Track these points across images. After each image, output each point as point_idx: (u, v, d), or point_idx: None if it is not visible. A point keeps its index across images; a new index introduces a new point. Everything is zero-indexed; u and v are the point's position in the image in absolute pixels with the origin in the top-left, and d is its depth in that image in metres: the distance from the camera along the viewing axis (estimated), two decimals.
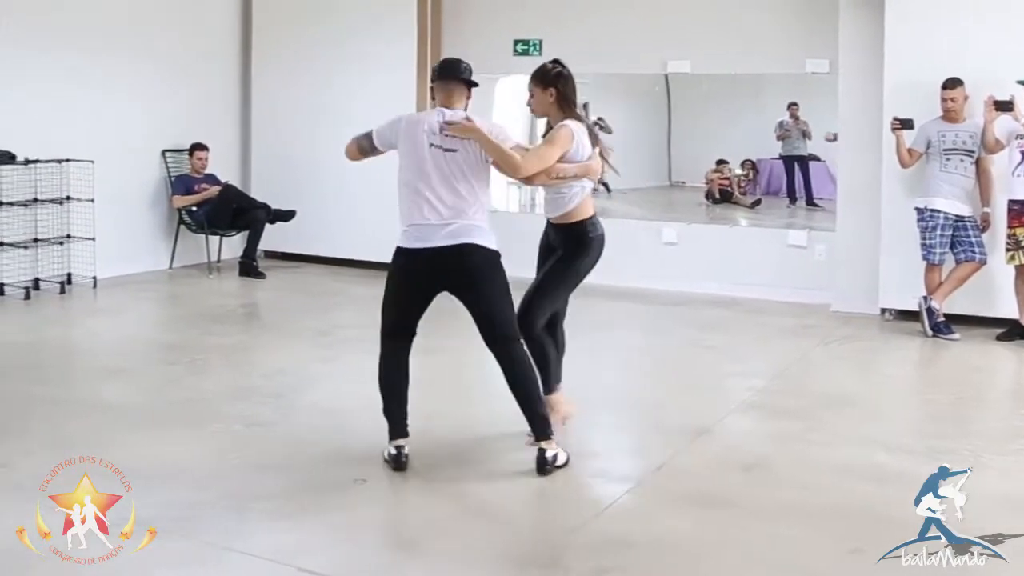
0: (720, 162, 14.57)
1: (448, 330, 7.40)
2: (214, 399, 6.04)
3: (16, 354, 7.41)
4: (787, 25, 9.35)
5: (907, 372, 7.49)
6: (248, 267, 10.23)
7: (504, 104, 13.10)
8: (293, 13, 11.02)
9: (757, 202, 14.08)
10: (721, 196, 14.46)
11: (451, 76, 5.04)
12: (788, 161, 14.17)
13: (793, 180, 14.49)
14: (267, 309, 9.36)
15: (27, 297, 8.96)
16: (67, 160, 9.43)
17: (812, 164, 14.33)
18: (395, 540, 4.21)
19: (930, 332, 7.82)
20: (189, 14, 10.78)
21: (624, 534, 4.22)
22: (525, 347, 5.05)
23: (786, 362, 7.22)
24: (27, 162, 9.11)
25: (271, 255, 11.05)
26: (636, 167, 15.56)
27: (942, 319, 7.84)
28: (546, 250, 5.56)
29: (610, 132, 14.58)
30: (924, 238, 7.91)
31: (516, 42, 10.56)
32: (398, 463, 4.88)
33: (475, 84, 5.14)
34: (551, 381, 5.36)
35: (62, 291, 9.29)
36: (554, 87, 5.30)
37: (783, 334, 8.05)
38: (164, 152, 10.55)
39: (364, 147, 5.08)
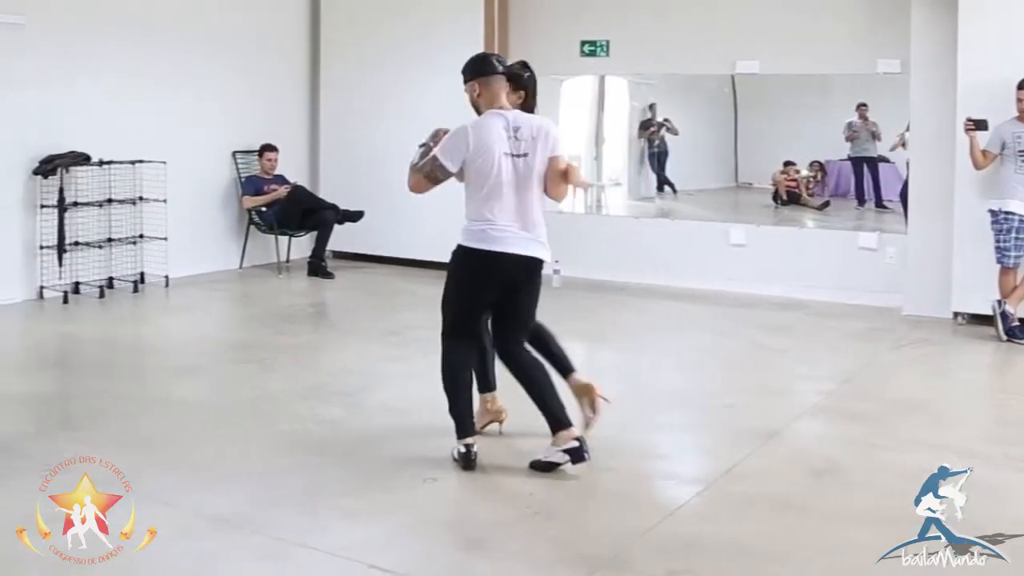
0: (787, 163, 14.40)
1: None
2: (284, 398, 6.11)
3: (91, 351, 7.57)
4: (858, 24, 9.25)
5: (980, 377, 7.36)
6: (317, 267, 10.32)
7: (571, 105, 13.11)
8: (361, 15, 11.10)
9: (825, 204, 13.90)
10: (789, 198, 14.30)
11: (494, 72, 4.98)
12: (857, 162, 13.98)
13: (862, 182, 14.28)
14: (336, 309, 9.44)
15: (101, 295, 9.12)
16: (140, 161, 9.59)
17: (881, 165, 14.14)
18: (464, 539, 4.22)
19: (1004, 336, 7.69)
20: (259, 17, 10.92)
21: (693, 536, 4.21)
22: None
23: (856, 366, 7.15)
24: (101, 163, 9.27)
25: (339, 255, 11.13)
26: (702, 168, 15.49)
27: (1016, 323, 7.71)
28: None
29: (676, 133, 14.55)
30: (998, 241, 7.79)
31: (583, 43, 10.56)
32: (467, 462, 4.90)
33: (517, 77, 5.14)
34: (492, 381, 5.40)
35: (135, 290, 9.45)
36: (525, 89, 5.21)
37: (853, 337, 7.96)
38: (234, 153, 10.69)
39: (435, 176, 4.93)
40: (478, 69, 5.00)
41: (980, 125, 7.82)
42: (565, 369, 5.32)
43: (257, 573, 3.90)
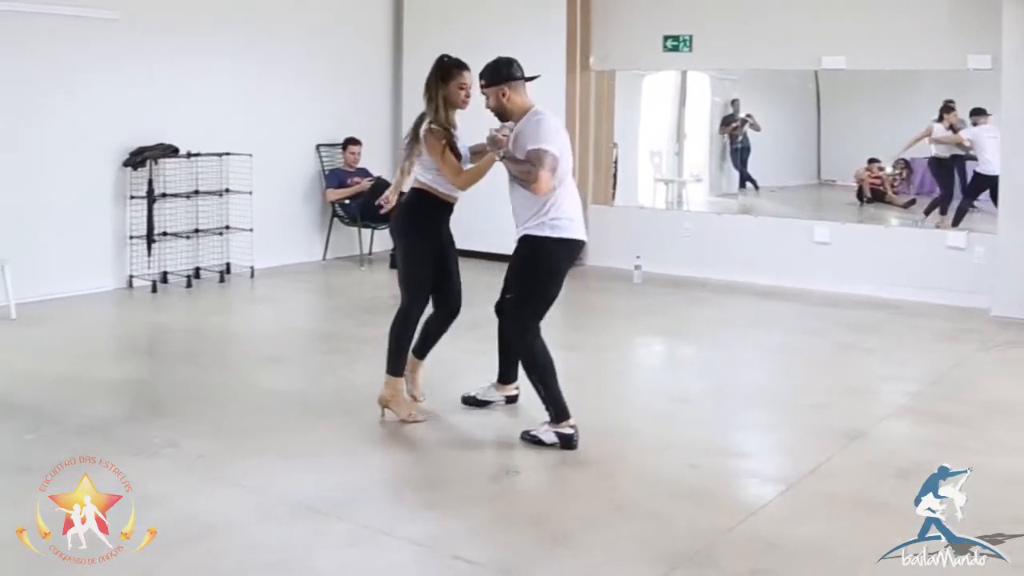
0: (871, 161, 14.23)
1: (587, 327, 7.45)
2: (368, 388, 6.13)
3: (179, 339, 7.72)
4: (947, 19, 9.07)
5: None
6: None
7: (652, 101, 13.07)
8: (443, 8, 11.16)
9: (911, 202, 13.70)
10: (873, 195, 14.14)
11: (522, 76, 5.30)
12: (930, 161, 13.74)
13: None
14: None
15: (189, 285, 9.30)
16: (227, 154, 9.75)
17: (968, 163, 13.89)
18: (547, 532, 4.22)
19: None
20: (344, 12, 11.04)
21: (776, 536, 4.18)
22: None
23: (943, 367, 7.03)
24: (189, 155, 9.44)
25: None
26: (784, 165, 15.37)
27: None
28: None
29: (759, 129, 14.44)
30: None
31: (666, 38, 10.48)
32: (572, 442, 5.09)
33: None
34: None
35: (221, 280, 9.62)
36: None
37: (940, 338, 7.83)
38: (318, 146, 10.81)
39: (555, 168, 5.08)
40: (507, 73, 5.26)
41: None
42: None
43: (344, 560, 3.96)
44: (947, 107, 12.26)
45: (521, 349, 5.27)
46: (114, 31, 8.87)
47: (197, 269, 9.62)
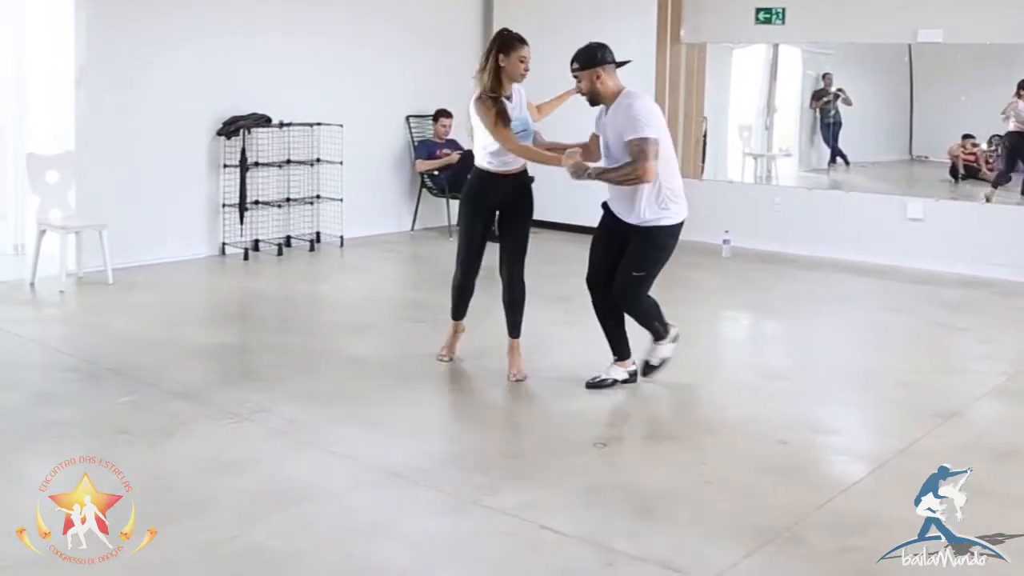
0: (966, 136, 13.88)
1: (676, 302, 7.40)
2: (457, 358, 6.20)
3: (270, 307, 7.84)
4: None
5: None
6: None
7: (742, 74, 12.91)
8: None
9: (1007, 179, 13.37)
10: (967, 172, 13.82)
11: (615, 60, 5.41)
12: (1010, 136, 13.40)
13: None
14: None
15: (279, 253, 9.42)
16: (318, 124, 9.84)
17: None
18: (635, 505, 4.22)
19: None
20: None
21: (867, 515, 4.14)
22: None
23: None
24: (281, 125, 9.55)
25: None
26: (876, 140, 15.08)
27: None
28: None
29: (850, 104, 14.18)
30: None
31: (759, 10, 10.34)
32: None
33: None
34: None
35: (311, 249, 9.73)
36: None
37: None
38: (408, 118, 10.86)
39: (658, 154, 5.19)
40: (601, 57, 5.33)
41: None
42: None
43: (433, 527, 4.00)
44: None
45: (636, 316, 5.54)
46: (210, 1, 8.98)
47: (288, 238, 9.74)
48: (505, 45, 5.60)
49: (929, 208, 9.61)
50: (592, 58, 5.32)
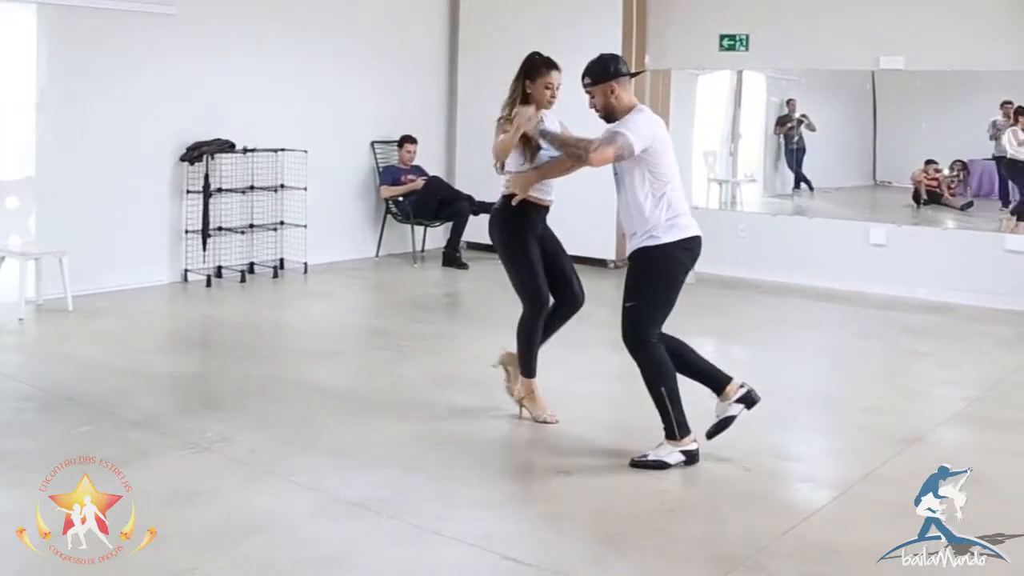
0: (928, 162, 14.00)
1: None
2: (420, 385, 6.18)
3: (233, 334, 7.78)
4: (1007, 19, 8.94)
5: None
6: (451, 257, 10.42)
7: (707, 100, 12.97)
8: (499, 7, 11.15)
9: (969, 204, 13.48)
10: (929, 197, 13.93)
11: (629, 72, 5.04)
12: (1001, 162, 13.54)
13: (1007, 183, 13.85)
14: (470, 299, 9.52)
15: (243, 280, 9.37)
16: (282, 150, 9.81)
17: None
18: (598, 534, 4.20)
19: None
20: (400, 10, 11.06)
21: (830, 542, 4.13)
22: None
23: (1002, 372, 6.93)
24: (245, 151, 9.51)
25: (474, 246, 11.19)
26: (840, 166, 15.17)
27: None
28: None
29: (814, 130, 14.28)
30: None
31: (722, 37, 10.43)
32: (696, 459, 4.91)
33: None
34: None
35: (275, 275, 9.68)
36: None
37: (999, 343, 7.72)
38: (373, 143, 10.85)
39: (616, 156, 4.82)
40: (615, 70, 4.96)
41: None
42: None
43: (395, 557, 3.95)
44: (1006, 107, 12.13)
45: (638, 360, 4.95)
46: (172, 25, 8.95)
47: (251, 264, 9.69)
48: (532, 70, 5.35)
49: (891, 234, 9.68)
50: (605, 71, 4.94)
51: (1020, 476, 4.95)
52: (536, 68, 5.37)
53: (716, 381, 5.08)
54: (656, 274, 4.91)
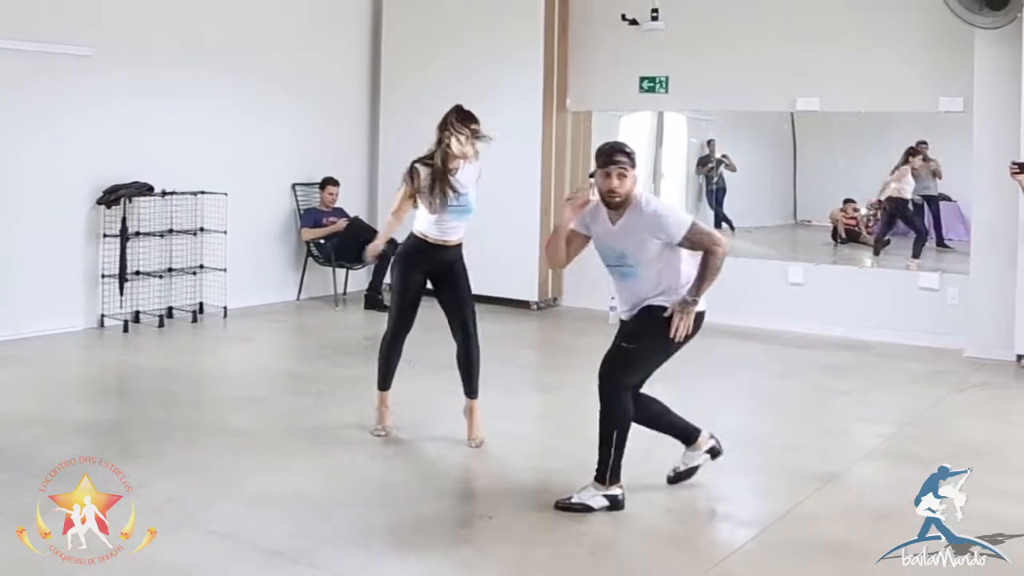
0: (847, 201, 14.28)
1: (562, 368, 7.41)
2: (341, 430, 6.12)
3: (151, 380, 7.65)
4: (920, 62, 9.16)
5: None
6: (374, 300, 10.37)
7: (629, 141, 13.10)
8: (420, 51, 11.16)
9: (886, 243, 13.76)
10: (848, 236, 14.19)
11: None
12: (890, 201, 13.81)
13: (923, 220, 14.15)
14: None
15: (161, 325, 9.22)
16: (202, 192, 9.71)
17: (942, 204, 13.97)
18: None
19: None
20: (321, 52, 11.03)
21: None
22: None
23: (918, 409, 7.04)
24: (164, 194, 9.40)
25: None
26: (760, 205, 15.40)
27: None
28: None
29: (734, 170, 14.49)
30: None
31: (642, 79, 10.55)
32: (621, 504, 4.89)
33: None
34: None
35: (194, 320, 9.55)
36: None
37: (914, 380, 7.85)
38: (294, 185, 10.79)
39: None
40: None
41: None
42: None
43: None
44: (922, 147, 12.46)
45: (605, 398, 4.95)
46: (89, 67, 8.85)
47: (170, 309, 9.54)
48: (449, 121, 5.74)
49: (809, 273, 9.83)
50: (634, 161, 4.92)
51: None
52: (451, 119, 5.76)
53: (687, 434, 5.29)
54: (667, 335, 4.96)
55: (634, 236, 4.89)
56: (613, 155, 4.84)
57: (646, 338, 4.98)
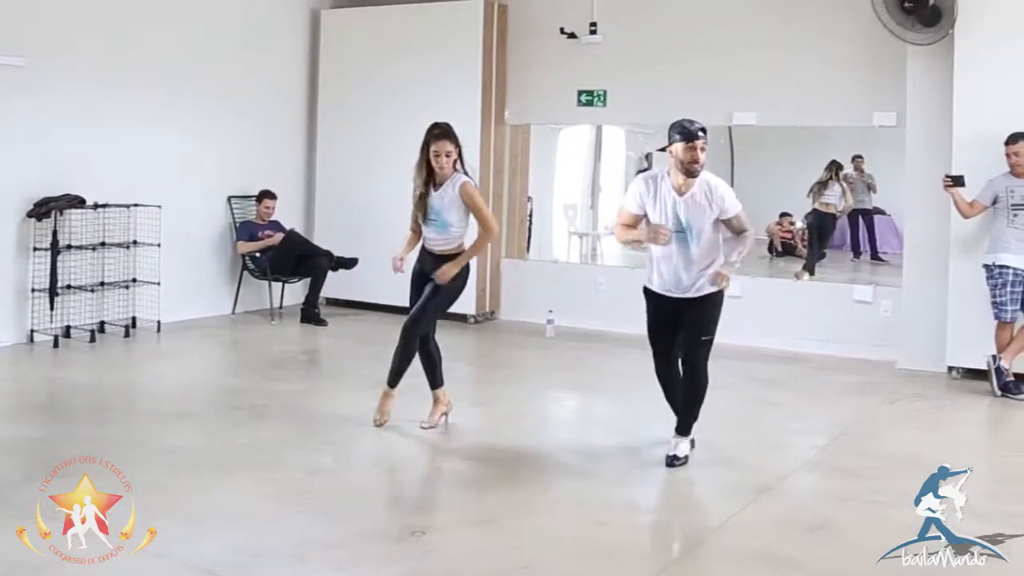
0: (783, 215, 14.47)
1: (499, 382, 7.39)
2: (275, 445, 6.06)
3: (81, 396, 7.52)
4: (854, 77, 9.28)
5: (975, 433, 7.32)
6: (310, 314, 10.30)
7: (567, 154, 13.16)
8: (358, 64, 11.13)
9: (821, 256, 13.92)
10: (784, 249, 14.36)
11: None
12: (853, 215, 14.04)
13: (857, 234, 14.36)
14: (328, 356, 9.40)
15: (92, 340, 9.08)
16: (135, 205, 9.59)
17: (877, 218, 14.19)
18: None
19: (999, 392, 7.68)
20: (257, 65, 10.95)
21: None
22: None
23: (851, 420, 7.11)
24: (96, 206, 9.27)
25: (333, 302, 11.11)
26: None
27: (1011, 378, 7.70)
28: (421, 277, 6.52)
29: None
30: (994, 296, 7.78)
31: (580, 92, 10.59)
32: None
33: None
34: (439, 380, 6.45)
35: (127, 334, 9.41)
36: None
37: (847, 391, 7.93)
38: (229, 198, 10.69)
39: None
40: None
41: (957, 181, 7.88)
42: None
43: None
44: (856, 161, 12.69)
45: (703, 377, 5.91)
46: (20, 78, 8.71)
47: (102, 323, 9.40)
48: (426, 140, 6.18)
49: (745, 285, 9.88)
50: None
51: (868, 522, 5.05)
52: (427, 137, 6.20)
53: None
54: (718, 315, 5.92)
55: (698, 206, 5.67)
56: (696, 131, 5.68)
57: (715, 325, 5.91)
